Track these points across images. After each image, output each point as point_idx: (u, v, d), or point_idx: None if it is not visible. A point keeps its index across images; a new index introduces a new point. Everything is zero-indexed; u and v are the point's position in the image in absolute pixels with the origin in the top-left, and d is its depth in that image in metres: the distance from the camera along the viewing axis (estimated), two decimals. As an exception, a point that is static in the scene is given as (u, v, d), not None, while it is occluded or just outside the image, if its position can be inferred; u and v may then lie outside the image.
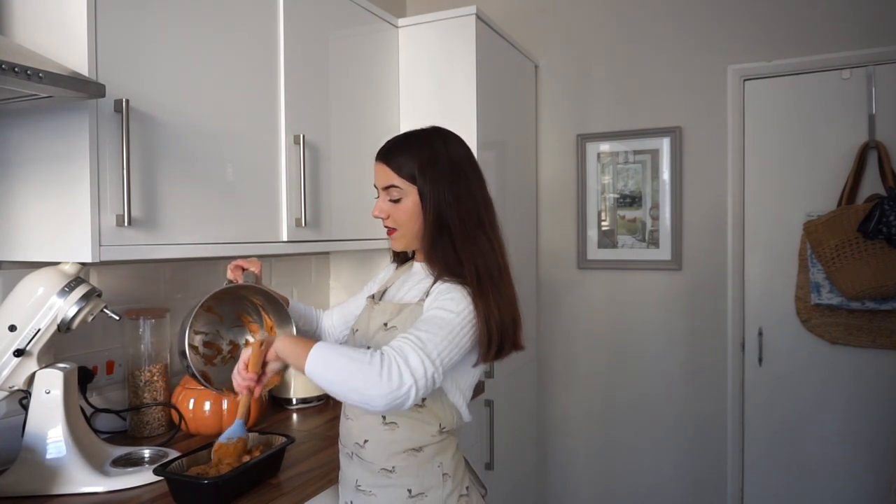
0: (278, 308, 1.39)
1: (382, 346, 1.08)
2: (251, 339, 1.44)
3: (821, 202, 2.32)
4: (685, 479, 2.58)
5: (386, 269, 1.49)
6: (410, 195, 1.23)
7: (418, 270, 1.31)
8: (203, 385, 1.29)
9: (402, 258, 1.42)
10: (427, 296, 1.20)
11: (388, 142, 1.29)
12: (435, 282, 1.21)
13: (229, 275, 1.39)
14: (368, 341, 1.25)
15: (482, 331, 1.15)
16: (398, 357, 1.04)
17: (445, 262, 1.20)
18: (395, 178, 1.23)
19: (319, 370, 1.06)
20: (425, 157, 1.23)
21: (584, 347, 2.74)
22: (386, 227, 1.28)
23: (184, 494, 1.22)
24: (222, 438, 1.26)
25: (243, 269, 1.39)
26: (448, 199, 1.21)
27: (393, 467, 1.21)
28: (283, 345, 1.12)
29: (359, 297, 1.52)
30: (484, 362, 1.21)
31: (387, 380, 1.02)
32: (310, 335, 1.52)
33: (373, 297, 1.36)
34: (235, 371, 1.15)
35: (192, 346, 1.32)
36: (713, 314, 2.51)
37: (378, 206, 1.27)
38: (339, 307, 1.57)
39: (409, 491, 1.20)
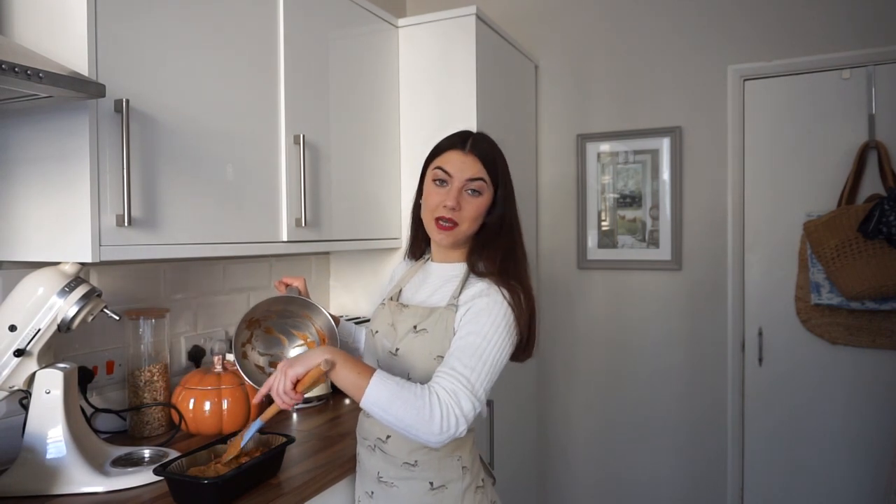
0: (324, 320, 1.41)
1: (434, 386, 1.12)
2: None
3: (821, 202, 2.32)
4: (685, 479, 2.58)
5: (398, 265, 1.49)
6: (487, 194, 1.26)
7: (438, 272, 1.32)
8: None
9: (417, 254, 1.42)
10: (457, 302, 1.22)
11: (472, 135, 1.29)
12: (465, 281, 1.24)
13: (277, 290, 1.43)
14: (397, 343, 1.26)
15: (522, 338, 1.22)
16: (454, 405, 1.10)
17: (497, 266, 1.23)
18: (483, 173, 1.25)
19: (377, 410, 1.10)
20: (503, 162, 1.30)
21: (585, 347, 2.74)
22: (447, 217, 1.24)
23: (184, 494, 1.22)
24: (246, 444, 1.28)
25: (287, 285, 1.43)
26: (513, 207, 1.29)
27: (415, 461, 1.24)
28: (340, 374, 1.11)
29: None
30: (513, 361, 1.26)
31: (445, 428, 1.09)
32: (357, 353, 1.52)
33: (391, 298, 1.36)
34: (280, 388, 1.10)
35: (258, 367, 1.38)
36: (713, 314, 2.51)
37: (453, 196, 1.23)
38: None
39: (431, 484, 1.24)
